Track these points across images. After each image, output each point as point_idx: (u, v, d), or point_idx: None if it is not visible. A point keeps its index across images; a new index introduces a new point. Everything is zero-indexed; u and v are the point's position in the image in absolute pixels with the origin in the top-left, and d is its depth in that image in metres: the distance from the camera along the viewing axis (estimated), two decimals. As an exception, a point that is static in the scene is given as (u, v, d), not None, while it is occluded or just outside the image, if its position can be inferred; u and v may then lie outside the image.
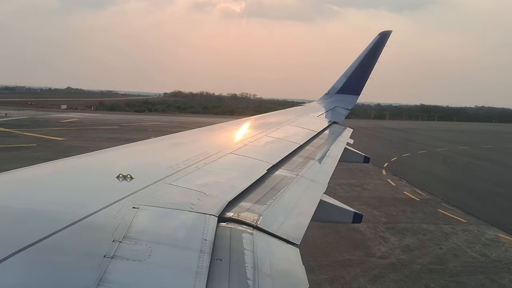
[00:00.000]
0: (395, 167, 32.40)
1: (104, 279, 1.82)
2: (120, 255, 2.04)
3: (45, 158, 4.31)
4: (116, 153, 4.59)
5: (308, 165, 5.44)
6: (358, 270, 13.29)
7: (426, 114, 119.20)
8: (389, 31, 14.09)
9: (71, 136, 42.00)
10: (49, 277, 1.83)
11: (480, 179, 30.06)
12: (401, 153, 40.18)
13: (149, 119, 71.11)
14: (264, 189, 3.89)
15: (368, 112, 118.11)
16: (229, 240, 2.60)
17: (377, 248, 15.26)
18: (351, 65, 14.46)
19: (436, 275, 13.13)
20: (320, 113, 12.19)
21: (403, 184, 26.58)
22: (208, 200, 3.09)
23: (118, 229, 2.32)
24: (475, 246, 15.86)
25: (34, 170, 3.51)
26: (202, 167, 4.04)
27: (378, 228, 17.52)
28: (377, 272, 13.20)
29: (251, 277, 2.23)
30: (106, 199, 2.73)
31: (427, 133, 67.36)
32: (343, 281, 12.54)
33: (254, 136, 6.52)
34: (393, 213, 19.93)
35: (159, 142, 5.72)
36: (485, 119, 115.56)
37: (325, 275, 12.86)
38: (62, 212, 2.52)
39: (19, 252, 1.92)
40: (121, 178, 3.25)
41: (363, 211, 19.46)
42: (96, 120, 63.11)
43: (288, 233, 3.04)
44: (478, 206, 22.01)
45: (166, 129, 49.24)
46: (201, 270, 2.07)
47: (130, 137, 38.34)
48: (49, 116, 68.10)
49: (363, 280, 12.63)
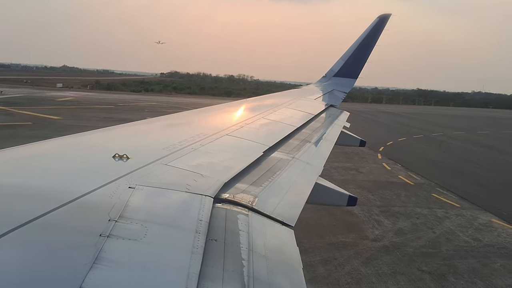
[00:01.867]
0: (391, 151, 32.55)
1: (100, 257, 1.83)
2: (116, 234, 2.05)
3: (41, 137, 4.28)
4: (112, 133, 4.58)
5: (304, 148, 5.45)
6: (351, 252, 13.46)
7: (422, 99, 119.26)
8: (388, 15, 13.96)
9: (67, 115, 41.79)
10: (45, 255, 1.84)
11: (474, 164, 30.27)
12: (397, 138, 40.31)
13: (146, 99, 70.77)
14: (260, 171, 3.90)
15: (365, 95, 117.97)
16: (224, 221, 2.61)
17: (370, 231, 15.42)
18: (349, 48, 14.36)
19: (428, 258, 13.31)
20: (317, 96, 12.15)
21: (398, 168, 26.75)
22: (204, 181, 3.10)
23: (114, 208, 2.33)
24: (468, 231, 16.05)
25: (30, 149, 3.49)
26: (198, 148, 4.04)
27: (372, 211, 17.69)
28: (370, 255, 13.37)
29: (245, 257, 2.25)
30: (102, 179, 2.73)
31: (423, 117, 67.52)
32: (336, 262, 12.70)
33: (251, 118, 6.51)
34: (388, 197, 20.11)
35: (155, 122, 5.70)
36: (482, 104, 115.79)
37: (318, 256, 13.01)
38: (58, 191, 2.52)
39: (15, 230, 1.92)
40: (117, 158, 3.25)
41: (357, 194, 19.57)
42: (92, 99, 62.67)
43: (283, 214, 3.06)
44: (471, 191, 22.22)
45: (163, 110, 49.04)
46: (196, 250, 2.09)
47: (126, 117, 38.23)
48: (44, 94, 67.57)
49: (356, 262, 12.79)
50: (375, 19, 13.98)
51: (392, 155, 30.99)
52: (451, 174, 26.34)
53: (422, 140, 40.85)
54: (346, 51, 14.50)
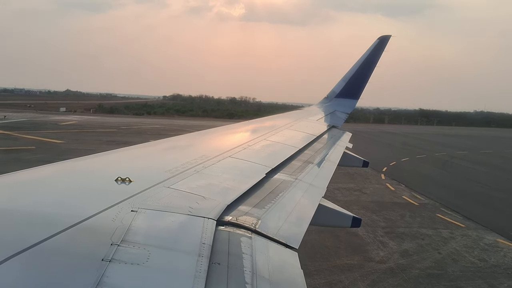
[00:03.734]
0: (394, 172, 32.39)
1: (102, 282, 1.81)
2: (118, 258, 2.04)
3: (44, 161, 4.27)
4: (115, 156, 4.59)
5: (307, 169, 5.44)
6: (357, 275, 13.27)
7: (425, 119, 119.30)
8: (388, 36, 14.11)
9: (69, 138, 41.90)
10: (47, 279, 1.83)
11: (478, 184, 30.04)
12: (400, 158, 40.14)
13: (148, 122, 71.05)
14: (263, 193, 3.89)
15: (367, 116, 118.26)
16: (227, 244, 2.59)
17: (375, 253, 15.23)
18: (350, 69, 14.48)
19: (434, 280, 13.10)
20: (319, 117, 12.20)
21: (402, 189, 26.55)
22: (206, 204, 3.09)
23: (116, 232, 2.31)
24: (474, 251, 15.83)
25: (33, 173, 3.50)
26: (201, 171, 4.04)
27: (376, 233, 17.48)
28: (376, 277, 13.17)
29: (249, 281, 2.22)
30: (104, 202, 2.72)
31: (426, 137, 67.35)
32: (342, 285, 12.50)
33: (253, 139, 6.52)
34: (392, 218, 19.91)
35: (158, 145, 5.72)
36: (484, 124, 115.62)
37: (323, 279, 12.83)
38: (61, 215, 2.51)
39: (18, 254, 1.91)
40: (119, 181, 3.25)
41: (361, 215, 19.46)
42: (95, 123, 62.99)
43: (287, 237, 3.03)
44: (476, 211, 21.98)
45: (165, 132, 49.21)
46: (199, 274, 2.06)
47: (128, 140, 38.32)
48: (48, 118, 68.02)
49: (362, 284, 12.60)
50: (376, 41, 14.12)
51: (395, 175, 30.83)
52: (455, 194, 26.13)
53: (426, 160, 40.65)
54: (347, 72, 14.62)
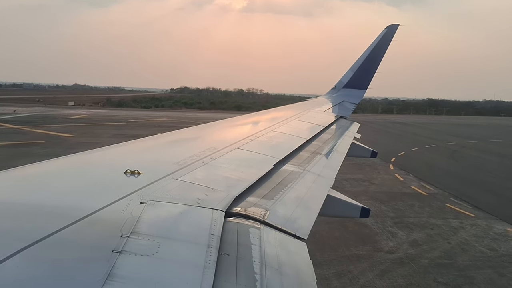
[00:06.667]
0: (403, 162, 32.22)
1: (113, 273, 1.83)
2: (128, 250, 2.05)
3: (53, 155, 4.32)
4: (123, 149, 4.61)
5: (315, 160, 5.43)
6: (366, 265, 13.29)
7: (434, 109, 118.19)
8: (396, 25, 13.96)
9: (78, 132, 42.16)
10: (58, 272, 1.85)
11: (488, 173, 29.81)
12: (409, 148, 39.86)
13: (156, 115, 71.20)
14: (271, 184, 3.89)
15: (376, 106, 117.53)
16: (236, 235, 2.60)
17: (384, 243, 15.23)
18: (358, 59, 14.37)
19: (444, 270, 13.07)
20: (327, 107, 12.15)
21: (410, 179, 26.41)
22: (215, 195, 3.10)
23: (126, 224, 2.33)
24: (484, 241, 15.76)
25: (43, 166, 3.53)
26: (209, 163, 4.05)
27: (385, 223, 17.48)
28: (385, 267, 13.18)
29: (258, 271, 2.23)
30: (114, 195, 2.74)
31: (435, 127, 66.83)
32: (351, 275, 12.54)
33: (261, 131, 6.51)
34: (401, 208, 19.85)
35: (166, 137, 5.73)
36: (493, 113, 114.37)
37: (332, 269, 12.87)
38: (71, 208, 2.53)
39: (29, 247, 1.94)
40: (128, 174, 3.26)
41: (370, 205, 19.38)
42: (103, 116, 63.25)
43: (296, 227, 3.04)
44: (486, 200, 21.83)
45: (173, 125, 49.27)
46: (208, 264, 2.08)
47: (137, 133, 38.50)
48: (57, 112, 68.51)
49: (371, 275, 12.62)
50: (383, 30, 13.99)
51: (404, 165, 30.66)
52: (464, 184, 25.98)
53: (434, 150, 40.38)
54: (355, 62, 14.51)
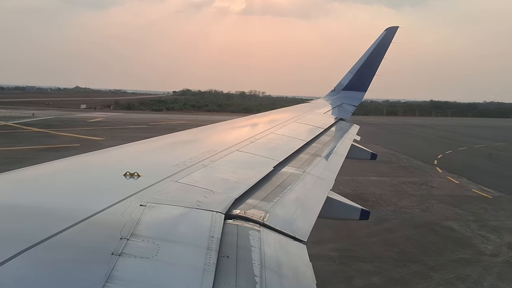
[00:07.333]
0: (446, 164, 31.47)
1: (112, 276, 1.83)
2: (127, 252, 2.05)
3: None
4: (123, 151, 4.61)
5: (314, 162, 5.43)
6: (480, 268, 13.16)
7: (439, 110, 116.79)
8: (396, 27, 13.97)
9: (106, 135, 42.01)
10: (58, 274, 1.84)
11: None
12: (444, 150, 38.92)
13: (173, 117, 70.72)
14: (270, 186, 3.88)
15: (379, 108, 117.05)
16: (236, 237, 2.60)
17: (484, 246, 15.01)
18: (357, 62, 14.37)
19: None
20: (326, 109, 12.14)
21: (465, 182, 25.81)
22: (214, 198, 3.10)
23: (125, 226, 2.33)
24: None
25: (43, 169, 3.53)
26: (208, 165, 4.04)
27: (470, 226, 17.18)
28: (499, 269, 13.07)
29: (258, 274, 2.23)
30: (113, 197, 2.74)
31: (452, 129, 65.88)
32: (471, 280, 12.42)
33: (260, 133, 6.51)
34: (476, 211, 19.44)
35: (165, 139, 5.72)
36: (499, 114, 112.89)
37: (451, 274, 12.79)
38: (70, 210, 2.53)
39: (29, 250, 1.93)
40: (128, 176, 3.26)
41: (444, 209, 19.46)
42: (121, 120, 63.15)
43: (295, 230, 3.03)
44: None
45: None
46: (208, 267, 2.07)
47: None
48: (73, 116, 68.67)
49: (491, 278, 12.51)
50: (383, 32, 14.00)
51: (450, 168, 29.95)
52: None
53: (470, 152, 39.58)
54: (354, 64, 14.51)
